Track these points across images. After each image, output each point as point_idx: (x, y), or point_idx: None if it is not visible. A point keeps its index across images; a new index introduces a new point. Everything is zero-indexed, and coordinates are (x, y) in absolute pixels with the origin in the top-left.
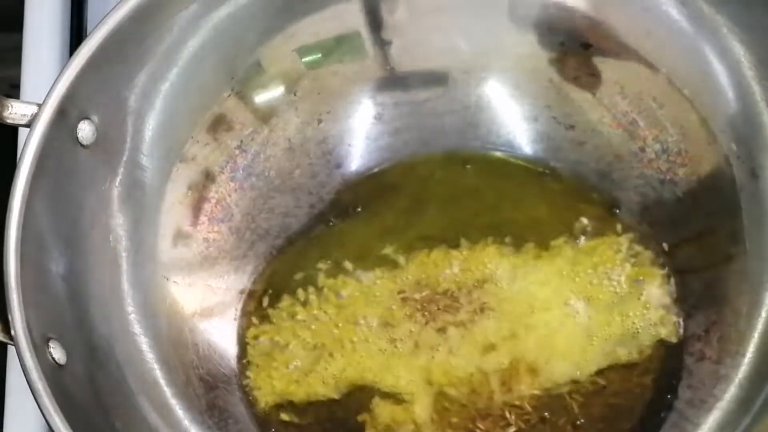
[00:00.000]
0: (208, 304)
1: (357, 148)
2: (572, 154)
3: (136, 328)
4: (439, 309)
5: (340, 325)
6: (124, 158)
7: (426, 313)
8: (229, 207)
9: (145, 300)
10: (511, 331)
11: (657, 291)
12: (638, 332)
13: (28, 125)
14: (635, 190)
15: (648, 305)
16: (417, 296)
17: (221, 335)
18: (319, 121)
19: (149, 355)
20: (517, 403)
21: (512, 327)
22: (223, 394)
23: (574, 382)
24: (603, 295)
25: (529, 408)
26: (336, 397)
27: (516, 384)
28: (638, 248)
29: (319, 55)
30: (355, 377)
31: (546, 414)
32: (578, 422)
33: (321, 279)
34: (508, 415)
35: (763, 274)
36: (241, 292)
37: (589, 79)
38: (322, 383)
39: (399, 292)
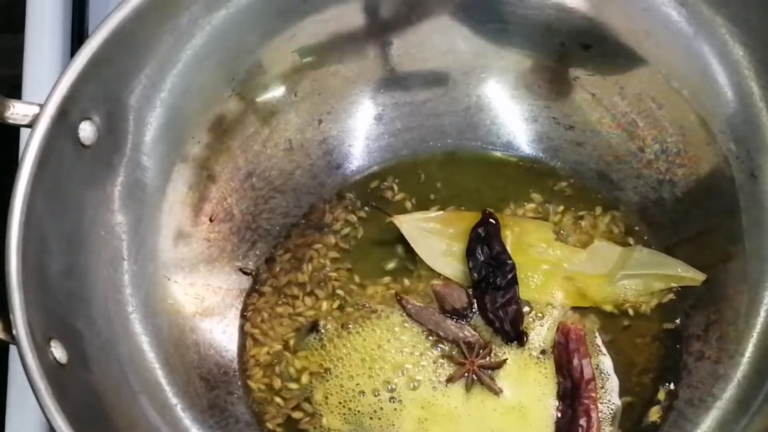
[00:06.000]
0: (209, 303)
1: (357, 148)
2: (572, 155)
3: (137, 328)
4: None
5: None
6: (125, 158)
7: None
8: (229, 207)
9: (146, 299)
10: None
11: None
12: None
13: (30, 125)
14: (634, 190)
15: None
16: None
17: (222, 335)
18: (320, 122)
19: (150, 355)
20: None
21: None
22: (224, 394)
23: None
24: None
25: None
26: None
27: None
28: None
29: (320, 56)
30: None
31: None
32: None
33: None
34: None
35: (761, 273)
36: (242, 291)
37: (589, 80)
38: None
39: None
